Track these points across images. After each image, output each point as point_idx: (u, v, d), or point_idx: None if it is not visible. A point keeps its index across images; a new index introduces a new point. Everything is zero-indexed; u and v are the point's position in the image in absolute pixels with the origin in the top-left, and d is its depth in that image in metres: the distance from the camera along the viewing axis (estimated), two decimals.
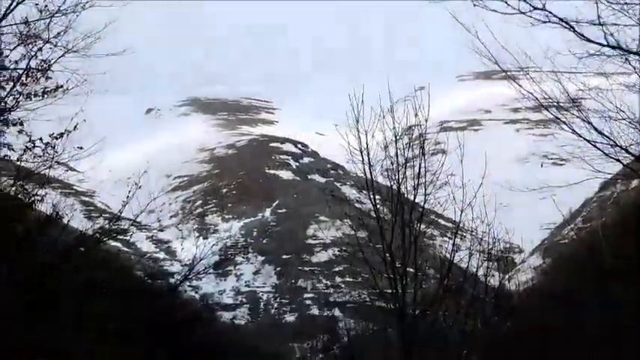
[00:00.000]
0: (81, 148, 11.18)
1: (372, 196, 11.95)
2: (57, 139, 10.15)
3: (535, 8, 8.77)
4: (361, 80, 16.10)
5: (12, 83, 9.96)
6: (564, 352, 13.23)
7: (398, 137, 11.68)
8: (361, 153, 11.56)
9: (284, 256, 51.63)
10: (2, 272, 9.76)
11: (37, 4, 9.78)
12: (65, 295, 10.56)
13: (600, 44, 8.84)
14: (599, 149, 9.32)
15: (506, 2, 8.86)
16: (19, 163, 10.34)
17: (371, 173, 11.75)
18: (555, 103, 9.99)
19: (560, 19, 8.78)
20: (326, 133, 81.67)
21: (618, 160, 9.63)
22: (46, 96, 10.20)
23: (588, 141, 9.28)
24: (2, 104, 9.98)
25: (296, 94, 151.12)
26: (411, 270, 11.37)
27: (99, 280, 12.10)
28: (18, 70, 9.97)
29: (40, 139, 10.06)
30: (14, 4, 9.88)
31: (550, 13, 8.55)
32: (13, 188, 10.73)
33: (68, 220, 11.77)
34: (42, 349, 9.72)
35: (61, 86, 10.34)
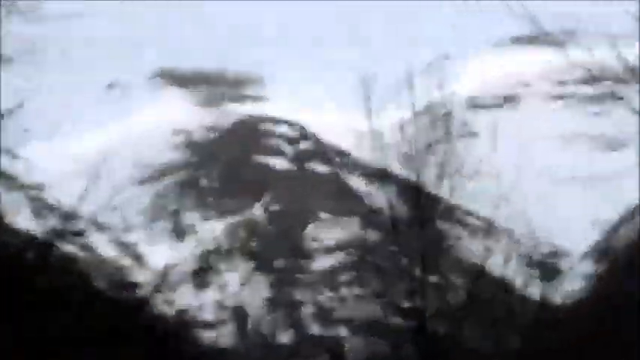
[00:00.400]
0: (27, 131, 11.13)
1: (385, 189, 11.86)
2: None
3: None
4: (371, 53, 16.10)
5: None
6: None
7: (417, 115, 11.56)
8: (372, 136, 11.44)
9: (277, 263, 51.60)
10: None
11: None
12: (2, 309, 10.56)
13: None
14: None
15: None
16: None
17: (384, 160, 11.65)
18: (611, 75, 9.98)
19: None
20: (329, 111, 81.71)
21: None
22: None
23: None
24: None
25: (291, 65, 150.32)
26: (433, 278, 11.32)
27: (51, 291, 12.07)
28: None
29: None
30: None
31: None
32: None
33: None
34: None
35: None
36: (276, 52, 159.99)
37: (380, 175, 11.77)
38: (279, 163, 66.38)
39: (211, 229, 55.35)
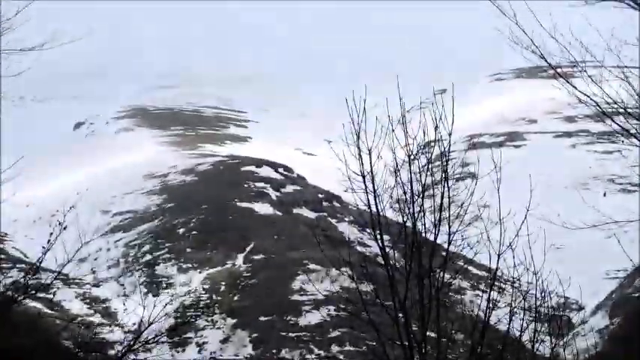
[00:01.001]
0: None
1: (378, 237, 11.89)
2: None
3: None
4: (363, 84, 16.28)
5: None
6: None
7: (412, 157, 11.63)
8: (364, 179, 11.49)
9: (262, 318, 50.93)
10: None
11: None
12: None
13: None
14: None
15: None
16: None
17: (377, 206, 11.68)
18: (622, 110, 10.08)
19: None
20: (316, 152, 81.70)
21: None
22: None
23: None
24: None
25: (277, 101, 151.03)
26: (432, 335, 11.32)
27: (14, 350, 11.99)
28: None
29: None
30: None
31: None
32: None
33: None
34: None
35: None
36: (258, 87, 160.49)
37: (373, 222, 11.79)
38: (263, 209, 65.34)
39: (189, 282, 54.49)
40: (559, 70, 12.95)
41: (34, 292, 11.62)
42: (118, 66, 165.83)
